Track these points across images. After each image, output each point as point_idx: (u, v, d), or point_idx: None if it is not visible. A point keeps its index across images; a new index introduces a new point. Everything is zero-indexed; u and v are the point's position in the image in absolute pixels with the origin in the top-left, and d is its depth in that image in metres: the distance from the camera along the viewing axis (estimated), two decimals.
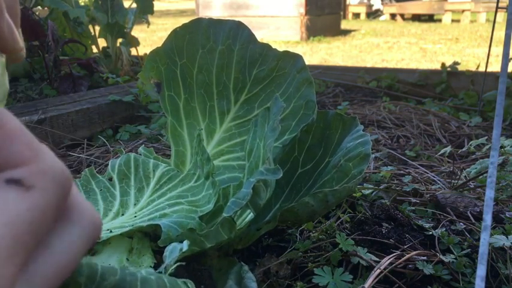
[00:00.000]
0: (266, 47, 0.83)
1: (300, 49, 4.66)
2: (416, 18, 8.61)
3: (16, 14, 0.32)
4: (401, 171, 1.19)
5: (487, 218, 0.51)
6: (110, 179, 0.76)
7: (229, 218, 0.60)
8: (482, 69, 1.91)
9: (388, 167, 1.22)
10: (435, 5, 8.14)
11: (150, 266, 0.62)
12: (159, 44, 0.85)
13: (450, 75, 2.13)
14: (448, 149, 1.27)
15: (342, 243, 0.75)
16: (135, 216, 0.70)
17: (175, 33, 0.83)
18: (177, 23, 1.11)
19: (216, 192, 0.72)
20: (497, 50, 3.61)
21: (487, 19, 7.80)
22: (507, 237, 0.76)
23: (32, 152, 0.20)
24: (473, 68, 2.19)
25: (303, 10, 5.33)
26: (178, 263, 0.55)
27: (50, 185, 0.20)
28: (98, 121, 1.63)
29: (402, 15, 8.63)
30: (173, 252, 0.58)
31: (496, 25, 1.67)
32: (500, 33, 1.02)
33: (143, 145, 1.13)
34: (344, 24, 6.97)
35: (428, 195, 1.01)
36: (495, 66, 2.70)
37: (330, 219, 0.88)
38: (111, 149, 1.35)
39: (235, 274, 0.63)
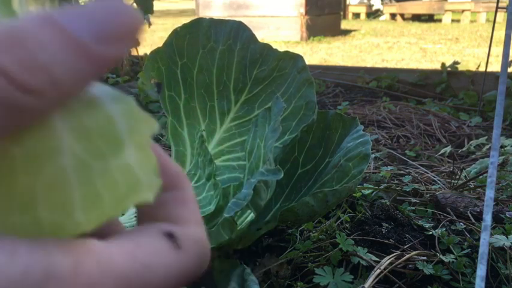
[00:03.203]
0: (266, 47, 0.83)
1: (300, 49, 4.66)
2: (416, 18, 8.59)
3: None
4: (401, 171, 1.19)
5: (487, 218, 0.51)
6: None
7: (230, 218, 0.60)
8: (482, 69, 1.91)
9: (388, 167, 1.22)
10: (435, 5, 8.13)
11: None
12: (160, 44, 0.85)
13: (450, 75, 2.13)
14: (448, 148, 1.27)
15: (342, 243, 0.75)
16: (135, 216, 0.69)
17: (176, 33, 0.83)
18: (177, 23, 1.11)
19: (217, 194, 0.72)
20: (497, 50, 3.61)
21: (487, 19, 7.80)
22: (507, 237, 0.76)
23: (194, 217, 0.21)
24: (473, 68, 2.19)
25: (303, 10, 5.33)
26: None
27: (193, 255, 0.20)
28: None
29: (402, 15, 8.61)
30: None
31: (496, 25, 1.67)
32: (500, 33, 1.02)
33: None
34: (344, 24, 6.97)
35: (428, 195, 1.01)
36: (495, 66, 2.70)
37: (330, 219, 0.89)
38: None
39: (237, 276, 0.63)
